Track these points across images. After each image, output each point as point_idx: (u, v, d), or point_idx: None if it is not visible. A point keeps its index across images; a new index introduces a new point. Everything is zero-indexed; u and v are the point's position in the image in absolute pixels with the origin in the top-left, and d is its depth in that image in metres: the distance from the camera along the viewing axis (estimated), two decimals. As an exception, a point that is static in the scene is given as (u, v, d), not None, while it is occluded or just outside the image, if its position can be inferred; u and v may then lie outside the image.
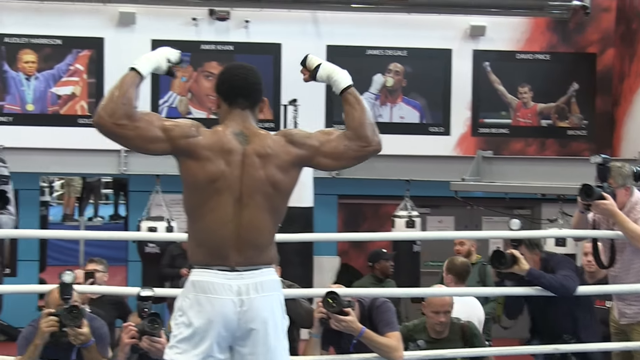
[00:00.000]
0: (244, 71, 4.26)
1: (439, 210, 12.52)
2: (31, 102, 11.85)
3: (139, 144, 4.06)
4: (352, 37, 12.34)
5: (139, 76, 4.07)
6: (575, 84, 12.76)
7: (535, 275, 5.86)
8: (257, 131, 4.19)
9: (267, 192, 4.11)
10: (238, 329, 4.06)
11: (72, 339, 5.21)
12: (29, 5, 11.75)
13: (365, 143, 4.27)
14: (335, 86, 4.40)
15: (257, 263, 4.13)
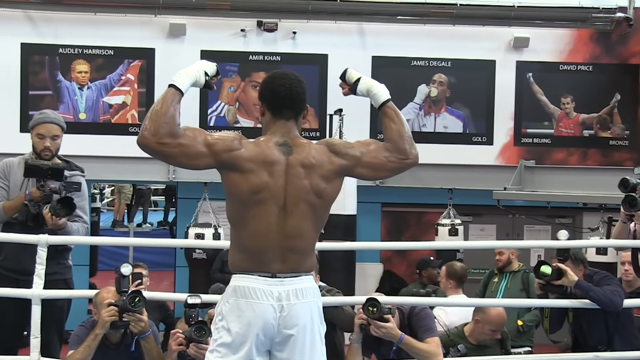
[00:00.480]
0: (288, 81, 4.25)
1: (481, 218, 12.47)
2: (84, 111, 11.96)
3: (183, 161, 4.10)
4: (397, 48, 12.33)
5: (179, 92, 4.09)
6: (617, 95, 12.65)
7: (584, 287, 5.82)
8: (300, 141, 4.21)
9: (311, 201, 4.14)
10: (277, 334, 4.08)
11: (133, 326, 5.28)
12: (82, 17, 11.85)
13: (404, 156, 4.31)
14: (375, 100, 4.43)
15: (298, 270, 4.16)
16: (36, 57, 11.95)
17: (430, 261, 10.03)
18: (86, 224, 6.29)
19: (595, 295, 5.81)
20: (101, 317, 5.26)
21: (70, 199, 5.87)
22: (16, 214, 5.99)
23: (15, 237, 5.92)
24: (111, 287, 5.53)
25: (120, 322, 5.25)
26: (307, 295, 4.15)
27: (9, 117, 11.74)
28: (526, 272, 8.96)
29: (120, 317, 5.23)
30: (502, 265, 9.01)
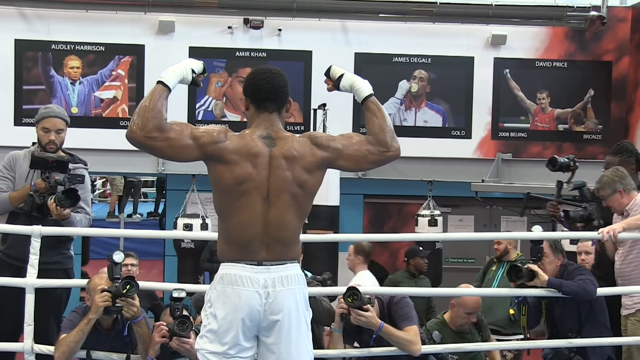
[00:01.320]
0: (270, 76, 4.29)
1: (460, 209, 12.52)
2: (76, 106, 11.95)
3: (170, 154, 4.14)
4: (380, 45, 12.36)
5: (167, 89, 4.14)
6: (591, 91, 12.71)
7: (555, 284, 5.86)
8: (283, 134, 4.25)
9: (293, 191, 4.17)
10: (263, 320, 4.12)
11: (125, 311, 5.29)
12: (74, 14, 11.84)
13: (385, 148, 4.33)
14: (358, 95, 4.47)
15: (283, 258, 4.19)
16: (29, 53, 11.94)
17: (419, 251, 10.05)
18: (89, 214, 6.33)
19: (567, 290, 5.84)
20: (95, 302, 5.27)
21: (74, 191, 5.92)
22: (22, 204, 6.04)
23: (9, 227, 5.96)
24: (103, 274, 5.54)
25: (113, 307, 5.27)
26: (292, 282, 4.18)
27: (3, 111, 11.77)
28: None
29: (113, 303, 5.25)
30: (500, 254, 9.04)
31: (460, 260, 12.44)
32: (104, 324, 5.50)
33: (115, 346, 5.53)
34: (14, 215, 6.11)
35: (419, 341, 5.85)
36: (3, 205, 6.10)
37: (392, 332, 5.75)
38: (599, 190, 6.34)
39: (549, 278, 5.87)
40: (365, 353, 5.89)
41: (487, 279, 9.17)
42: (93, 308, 5.28)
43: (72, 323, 5.40)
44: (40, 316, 5.53)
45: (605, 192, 6.26)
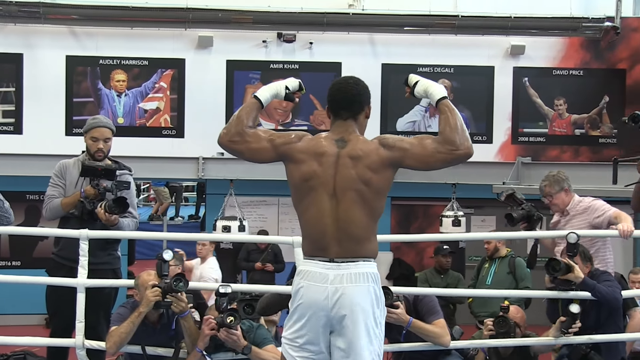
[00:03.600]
0: (345, 86, 4.36)
1: (482, 210, 12.45)
2: (122, 116, 12.04)
3: (249, 155, 4.35)
4: (405, 56, 12.35)
5: (259, 103, 4.40)
6: (606, 97, 12.63)
7: (590, 285, 5.77)
8: (355, 137, 4.28)
9: (359, 188, 4.18)
10: (333, 314, 4.11)
11: (174, 306, 5.32)
12: (120, 31, 11.94)
13: (454, 147, 4.17)
14: (431, 98, 4.41)
15: (355, 255, 4.19)
16: (79, 68, 12.05)
17: (441, 249, 10.03)
18: (135, 218, 6.40)
19: (600, 294, 5.75)
20: (146, 296, 5.30)
21: (124, 199, 5.99)
22: (73, 210, 6.11)
23: (59, 231, 6.05)
24: (152, 271, 5.57)
25: (163, 302, 5.31)
26: (362, 280, 4.15)
27: (55, 122, 11.91)
28: (513, 257, 9.03)
29: (163, 298, 5.28)
30: (491, 252, 9.06)
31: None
32: (151, 318, 5.52)
33: (162, 340, 5.56)
34: (65, 219, 6.20)
35: (448, 333, 5.83)
36: (56, 210, 6.18)
37: (421, 326, 5.73)
38: (547, 187, 6.32)
39: (585, 277, 5.78)
40: (396, 348, 5.88)
41: (481, 276, 9.18)
42: (144, 302, 5.32)
43: (121, 316, 5.45)
44: (91, 313, 5.57)
45: (553, 189, 6.29)
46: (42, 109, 11.92)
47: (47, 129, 11.85)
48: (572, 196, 6.40)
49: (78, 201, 6.06)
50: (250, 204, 11.76)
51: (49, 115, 11.89)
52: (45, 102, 11.93)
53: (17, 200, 9.13)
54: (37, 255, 11.47)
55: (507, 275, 8.73)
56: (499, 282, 8.83)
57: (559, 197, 6.37)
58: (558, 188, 6.34)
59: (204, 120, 11.04)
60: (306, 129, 11.95)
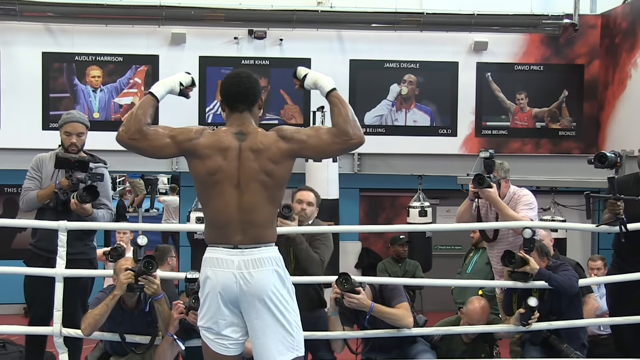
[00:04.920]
0: (238, 79, 4.43)
1: (447, 201, 12.50)
2: (97, 111, 11.97)
3: (150, 152, 4.34)
4: (372, 52, 12.36)
5: (155, 99, 4.37)
6: (565, 91, 12.71)
7: (545, 275, 5.84)
8: (253, 129, 4.36)
9: (262, 179, 4.27)
10: (240, 299, 4.22)
11: (146, 289, 5.33)
12: (95, 28, 11.85)
13: (348, 137, 4.30)
14: (321, 90, 4.49)
15: (259, 241, 4.28)
16: (55, 64, 11.94)
17: (397, 239, 10.13)
18: (111, 210, 6.42)
19: (556, 283, 5.82)
20: (119, 280, 5.33)
21: (94, 187, 6.00)
22: (48, 201, 6.10)
23: (39, 223, 6.04)
24: (129, 257, 5.60)
25: (136, 284, 5.34)
26: (266, 264, 4.26)
27: (32, 117, 11.80)
28: None
29: (135, 281, 5.30)
30: (475, 241, 9.07)
31: (449, 247, 12.44)
32: (129, 303, 5.54)
33: (138, 324, 5.57)
34: (41, 211, 6.22)
35: (410, 315, 5.87)
36: (32, 202, 6.19)
37: (383, 310, 5.77)
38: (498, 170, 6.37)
39: (540, 268, 5.84)
40: (362, 335, 5.90)
41: (464, 264, 9.22)
42: (118, 285, 5.37)
43: (98, 301, 5.49)
44: (68, 302, 5.56)
45: (499, 175, 6.34)
46: (19, 104, 11.81)
47: (24, 124, 11.75)
48: (508, 188, 6.46)
49: (52, 192, 6.06)
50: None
51: (25, 111, 11.79)
52: (22, 97, 11.82)
53: (-5, 193, 9.05)
54: (15, 247, 11.40)
55: (485, 265, 8.75)
56: (477, 271, 8.87)
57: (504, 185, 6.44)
58: (502, 175, 6.40)
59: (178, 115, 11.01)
60: (277, 123, 11.95)
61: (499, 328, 6.15)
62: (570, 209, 10.69)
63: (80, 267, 5.90)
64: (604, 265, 8.13)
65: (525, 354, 6.12)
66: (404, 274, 9.92)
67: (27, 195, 6.20)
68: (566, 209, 10.54)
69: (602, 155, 5.89)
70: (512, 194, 6.43)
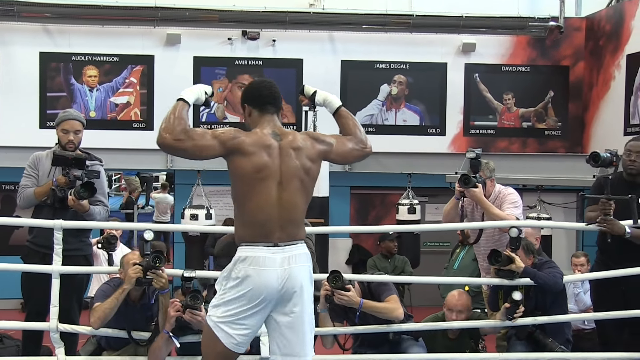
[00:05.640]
0: (268, 84, 4.54)
1: (436, 199, 12.47)
2: (93, 110, 11.95)
3: (196, 153, 4.30)
4: (363, 53, 12.38)
5: (187, 104, 4.36)
6: (551, 92, 12.75)
7: (530, 273, 5.84)
8: (286, 130, 4.47)
9: (301, 177, 4.36)
10: (282, 294, 4.25)
11: (155, 282, 5.32)
12: (92, 29, 11.84)
13: (364, 146, 4.68)
14: (330, 106, 4.79)
15: (295, 238, 4.35)
16: (53, 64, 11.93)
17: (388, 235, 10.12)
18: (107, 206, 6.39)
19: (541, 280, 5.81)
20: (128, 274, 5.32)
21: (91, 184, 5.97)
22: (45, 198, 6.08)
23: (33, 221, 6.02)
24: (136, 251, 5.60)
25: (144, 279, 5.31)
26: (303, 260, 4.36)
27: (30, 116, 11.81)
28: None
29: (144, 275, 5.28)
30: (462, 238, 9.06)
31: (437, 244, 12.44)
32: (133, 296, 5.52)
33: (138, 319, 5.54)
34: (39, 208, 6.18)
35: (400, 307, 5.85)
36: (29, 199, 6.16)
37: (372, 305, 5.76)
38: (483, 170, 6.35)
39: (525, 267, 5.84)
40: (352, 330, 5.89)
41: (451, 260, 9.22)
42: (127, 279, 5.33)
43: (104, 294, 5.45)
44: (64, 298, 5.54)
45: (484, 175, 6.33)
46: (17, 103, 11.79)
47: (21, 122, 11.72)
48: (494, 187, 6.46)
49: (50, 189, 6.04)
50: (217, 193, 11.73)
51: (23, 109, 11.77)
52: (20, 96, 11.81)
53: (-7, 191, 9.03)
54: (12, 243, 11.35)
55: (472, 262, 8.75)
56: (464, 267, 8.87)
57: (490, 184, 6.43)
58: (488, 175, 6.40)
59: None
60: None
61: (485, 323, 6.14)
62: (555, 206, 10.71)
63: (76, 263, 5.87)
64: (587, 261, 8.14)
65: (511, 348, 6.11)
66: (393, 269, 9.94)
67: (24, 192, 6.17)
68: (552, 207, 10.57)
69: (595, 154, 5.92)
70: (498, 192, 6.42)
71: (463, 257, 9.13)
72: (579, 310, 7.70)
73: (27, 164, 6.29)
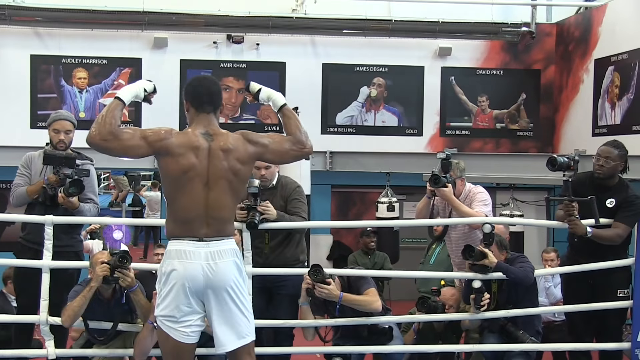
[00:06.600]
0: (207, 82, 4.53)
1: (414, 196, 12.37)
2: (83, 111, 11.90)
3: (121, 152, 4.30)
4: (343, 57, 12.39)
5: (122, 103, 4.37)
6: (523, 95, 12.81)
7: (503, 268, 5.87)
8: (220, 131, 4.43)
9: (229, 178, 4.36)
10: (206, 286, 4.27)
11: (121, 281, 5.32)
12: (81, 32, 11.80)
13: (302, 146, 4.61)
14: (274, 104, 4.74)
15: (221, 234, 4.35)
16: (43, 66, 11.89)
17: (366, 232, 10.14)
18: (97, 204, 6.38)
19: (512, 275, 5.85)
20: (95, 272, 5.30)
21: (79, 181, 5.96)
22: (37, 196, 6.07)
23: (26, 217, 6.00)
24: (105, 251, 5.60)
25: (111, 277, 5.32)
26: (228, 255, 4.35)
27: (21, 117, 11.74)
28: None
29: (111, 273, 5.28)
30: (439, 234, 9.06)
31: (415, 240, 12.48)
32: (105, 294, 5.52)
33: (115, 313, 5.54)
34: (31, 205, 6.17)
35: (378, 299, 5.88)
36: (21, 197, 6.15)
37: (351, 298, 5.78)
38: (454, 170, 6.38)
39: (498, 262, 5.87)
40: (332, 323, 5.91)
41: (427, 256, 9.23)
42: (94, 277, 5.34)
43: (76, 293, 5.44)
44: (54, 292, 5.53)
45: (455, 175, 6.36)
46: (8, 104, 11.74)
47: (13, 123, 11.67)
48: (464, 186, 6.50)
49: (41, 187, 6.04)
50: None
51: (15, 110, 11.72)
52: (11, 97, 11.76)
53: (-15, 189, 8.98)
54: (5, 239, 11.30)
55: (447, 257, 8.75)
56: (440, 262, 8.86)
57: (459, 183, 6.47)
58: (458, 174, 6.44)
59: (160, 114, 10.95)
60: (254, 123, 11.93)
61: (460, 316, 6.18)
62: (527, 204, 10.76)
63: (67, 259, 5.86)
64: (557, 256, 8.18)
65: (484, 340, 6.15)
66: (373, 265, 9.94)
67: (17, 191, 6.16)
68: (524, 204, 10.61)
69: (553, 159, 5.94)
70: (468, 191, 6.46)
71: (439, 253, 9.13)
72: (550, 303, 7.74)
73: (20, 164, 6.29)
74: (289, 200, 6.12)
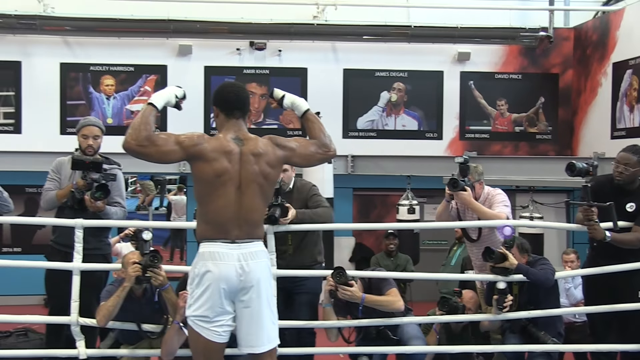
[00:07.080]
0: (237, 88, 4.55)
1: (434, 199, 12.42)
2: (110, 117, 11.96)
3: (157, 157, 4.32)
4: (364, 62, 12.37)
5: (155, 109, 4.38)
6: (542, 98, 12.74)
7: (523, 270, 5.83)
8: (249, 136, 4.47)
9: (259, 182, 4.39)
10: (239, 287, 4.29)
11: (153, 280, 5.33)
12: (109, 41, 11.86)
13: (327, 149, 4.67)
14: (298, 110, 4.78)
15: (252, 237, 4.38)
16: (72, 74, 11.95)
17: (387, 234, 10.14)
18: (124, 207, 6.42)
19: (533, 276, 5.80)
20: (128, 273, 5.33)
21: (105, 185, 5.99)
22: (66, 200, 6.12)
23: (56, 220, 6.04)
24: (136, 251, 5.61)
25: (143, 277, 5.33)
26: (260, 256, 4.39)
27: (51, 123, 11.84)
28: None
29: (143, 273, 5.29)
30: (459, 235, 9.05)
31: (435, 242, 12.44)
32: (136, 293, 5.54)
33: (146, 311, 5.56)
34: (61, 209, 6.25)
35: (400, 299, 5.87)
36: (51, 201, 6.23)
37: (374, 299, 5.77)
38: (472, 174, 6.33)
39: (518, 264, 5.83)
40: (356, 323, 5.89)
41: (449, 257, 9.21)
42: (127, 278, 5.36)
43: (109, 293, 5.47)
44: (84, 294, 5.56)
45: (473, 178, 6.32)
46: (38, 110, 11.83)
47: (43, 129, 11.76)
48: (483, 189, 6.45)
49: (69, 192, 6.08)
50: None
51: (45, 117, 11.81)
52: (41, 104, 11.84)
53: (17, 193, 9.03)
54: (36, 242, 11.40)
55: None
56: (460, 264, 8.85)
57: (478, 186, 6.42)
58: (477, 178, 6.39)
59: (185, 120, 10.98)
60: (276, 127, 11.94)
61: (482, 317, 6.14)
62: (547, 206, 10.69)
63: (95, 262, 5.90)
64: (576, 258, 8.12)
65: (505, 341, 6.12)
66: (396, 267, 9.90)
67: (47, 195, 6.24)
68: (543, 207, 10.55)
69: (571, 164, 5.90)
70: (487, 194, 6.41)
71: (459, 254, 9.11)
72: (570, 304, 7.69)
73: (50, 169, 6.35)
74: (309, 198, 6.13)
